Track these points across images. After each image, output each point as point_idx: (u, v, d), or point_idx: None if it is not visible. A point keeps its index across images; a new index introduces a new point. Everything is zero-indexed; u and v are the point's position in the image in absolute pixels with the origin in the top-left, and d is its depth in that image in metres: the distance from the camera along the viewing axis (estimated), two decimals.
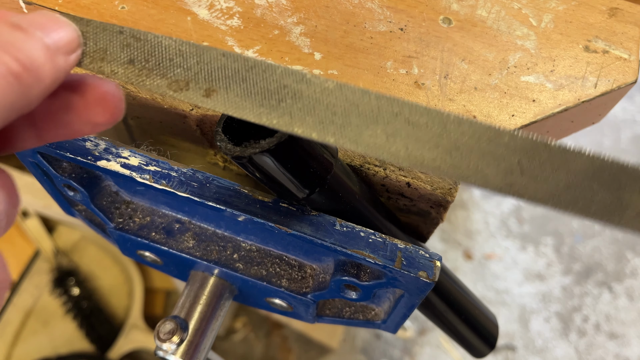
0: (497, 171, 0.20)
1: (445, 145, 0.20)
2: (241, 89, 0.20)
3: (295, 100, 0.20)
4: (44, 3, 0.32)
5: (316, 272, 0.31)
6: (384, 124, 0.20)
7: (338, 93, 0.20)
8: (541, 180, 0.20)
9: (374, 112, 0.20)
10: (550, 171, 0.20)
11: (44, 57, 0.18)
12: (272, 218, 0.27)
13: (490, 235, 1.28)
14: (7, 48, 0.17)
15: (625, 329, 1.17)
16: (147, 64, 0.21)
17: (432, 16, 0.34)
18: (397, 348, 1.12)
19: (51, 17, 0.19)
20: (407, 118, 0.20)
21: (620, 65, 0.33)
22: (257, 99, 0.20)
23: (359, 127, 0.20)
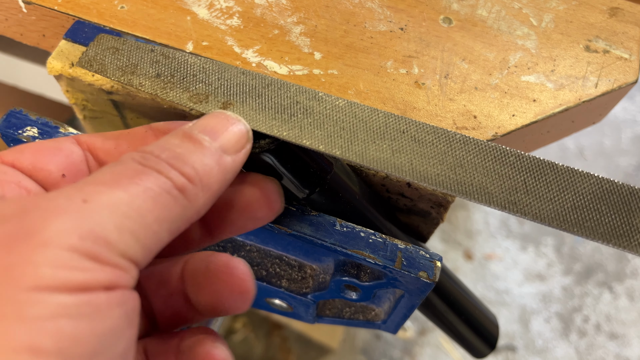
0: (501, 189, 0.20)
1: (450, 163, 0.21)
2: (256, 103, 0.22)
3: (306, 115, 0.22)
4: (43, 3, 0.32)
5: (316, 272, 0.31)
6: (390, 140, 0.21)
7: (348, 110, 0.22)
8: (546, 199, 0.20)
9: (381, 129, 0.21)
10: (556, 191, 0.20)
11: (212, 163, 0.18)
12: None
13: (491, 235, 1.28)
14: (174, 162, 0.17)
15: (626, 329, 1.17)
16: (172, 78, 0.22)
17: (432, 16, 0.34)
18: (397, 348, 1.12)
19: (221, 117, 0.20)
20: (414, 135, 0.21)
21: (621, 65, 0.33)
22: (270, 112, 0.22)
23: (365, 142, 0.21)
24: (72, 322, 0.14)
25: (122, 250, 0.15)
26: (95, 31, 0.31)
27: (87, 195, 0.16)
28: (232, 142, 0.20)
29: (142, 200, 0.16)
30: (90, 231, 0.15)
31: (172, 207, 0.17)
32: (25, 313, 0.13)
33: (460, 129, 0.30)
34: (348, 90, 0.31)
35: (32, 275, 0.14)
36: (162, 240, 0.17)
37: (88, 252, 0.15)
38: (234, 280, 0.20)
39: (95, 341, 0.14)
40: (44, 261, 0.14)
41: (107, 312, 0.15)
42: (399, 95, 0.31)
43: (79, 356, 0.14)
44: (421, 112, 0.30)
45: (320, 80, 0.31)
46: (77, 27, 0.31)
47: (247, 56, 0.31)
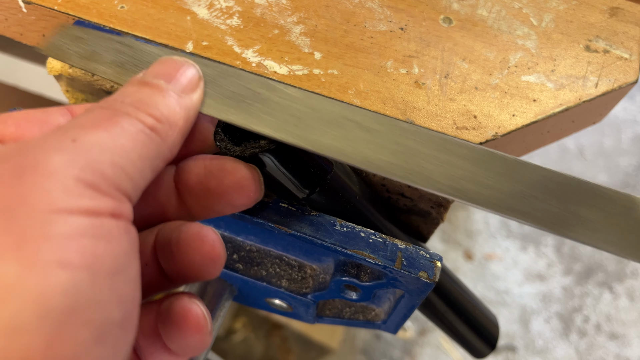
0: (444, 176, 0.21)
1: (396, 150, 0.22)
2: (211, 90, 0.23)
3: (259, 102, 0.23)
4: (43, 2, 0.32)
5: (316, 272, 0.31)
6: (338, 128, 0.22)
7: (301, 97, 0.23)
8: (487, 187, 0.21)
9: (331, 117, 0.22)
10: (498, 180, 0.21)
11: (174, 104, 0.20)
12: (272, 218, 0.27)
13: (491, 235, 1.28)
14: (139, 106, 0.19)
15: (626, 330, 1.17)
16: (135, 68, 0.23)
17: (432, 16, 0.34)
18: (397, 348, 1.12)
19: (171, 63, 0.21)
20: (361, 124, 0.22)
21: (621, 65, 0.33)
22: (221, 99, 0.23)
23: (315, 130, 0.22)
24: (93, 241, 0.15)
25: (116, 184, 0.17)
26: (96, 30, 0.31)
27: (75, 136, 0.17)
28: (186, 82, 0.21)
29: (124, 139, 0.17)
30: (87, 165, 0.16)
31: (149, 145, 0.18)
32: (51, 231, 0.14)
33: (460, 128, 0.30)
34: (348, 90, 0.31)
35: (47, 200, 0.15)
36: (146, 178, 0.18)
37: (90, 182, 0.16)
38: (205, 247, 0.21)
39: (114, 261, 0.15)
40: (55, 188, 0.15)
41: (119, 237, 0.16)
42: (399, 95, 0.31)
43: (103, 273, 0.15)
44: (421, 112, 0.30)
45: (320, 80, 0.31)
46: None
47: (247, 56, 0.31)
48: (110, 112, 0.18)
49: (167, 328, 0.21)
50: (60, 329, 0.14)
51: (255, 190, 0.22)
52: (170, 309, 0.21)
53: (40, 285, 0.14)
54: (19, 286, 0.13)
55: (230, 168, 0.22)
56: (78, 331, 0.14)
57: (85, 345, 0.14)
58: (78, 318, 0.14)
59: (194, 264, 0.21)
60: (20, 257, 0.14)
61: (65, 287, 0.14)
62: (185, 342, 0.21)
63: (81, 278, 0.14)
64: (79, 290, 0.14)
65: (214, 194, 0.22)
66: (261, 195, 0.23)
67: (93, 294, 0.15)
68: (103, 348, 0.15)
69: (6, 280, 0.13)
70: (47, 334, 0.13)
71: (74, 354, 0.14)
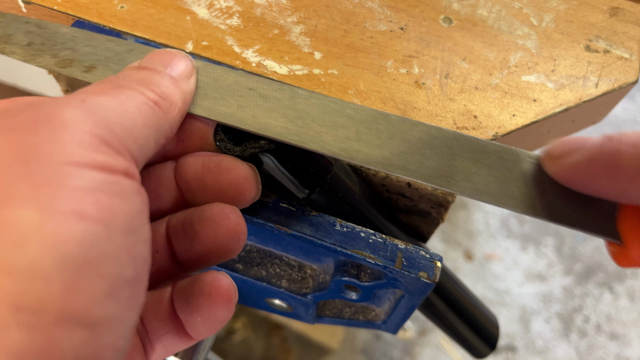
0: (334, 138, 0.22)
1: (291, 115, 0.23)
2: (119, 67, 0.24)
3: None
4: (43, 2, 0.32)
5: (316, 272, 0.31)
6: (238, 96, 0.23)
7: (202, 70, 0.23)
8: (375, 146, 0.22)
9: (231, 87, 0.23)
10: (385, 139, 0.22)
11: (172, 85, 0.21)
12: (272, 218, 0.27)
13: (491, 235, 1.28)
14: (141, 83, 0.19)
15: (626, 330, 1.17)
16: (42, 46, 0.24)
17: (432, 15, 0.34)
18: (397, 349, 1.12)
19: (166, 53, 0.22)
20: (260, 92, 0.23)
21: (622, 64, 0.33)
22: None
23: (215, 99, 0.23)
24: (108, 197, 0.15)
25: (126, 144, 0.17)
26: (95, 31, 0.31)
27: (83, 98, 0.17)
28: (182, 69, 0.22)
29: (129, 106, 0.18)
30: (99, 121, 0.16)
31: (152, 116, 0.19)
32: (67, 183, 0.14)
33: (460, 128, 0.30)
34: (348, 90, 0.31)
35: (63, 153, 0.15)
36: (150, 147, 0.19)
37: (103, 138, 0.16)
38: (230, 223, 0.21)
39: (128, 219, 0.16)
40: (70, 141, 0.15)
41: (132, 196, 0.16)
42: (399, 95, 0.31)
43: (118, 229, 0.15)
44: (421, 111, 0.30)
45: (320, 80, 0.31)
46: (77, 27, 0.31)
47: (247, 56, 0.31)
48: (114, 84, 0.19)
49: (194, 301, 0.21)
50: (77, 278, 0.14)
51: (251, 189, 0.22)
52: (197, 282, 0.21)
53: (58, 233, 0.14)
54: (38, 232, 0.13)
55: (227, 165, 0.22)
56: (93, 283, 0.14)
57: (99, 297, 0.14)
58: (93, 270, 0.14)
59: (219, 240, 0.21)
60: (39, 205, 0.14)
61: (82, 237, 0.14)
62: (214, 313, 0.21)
63: (97, 231, 0.14)
64: (95, 242, 0.14)
65: (211, 191, 0.22)
66: (258, 194, 0.23)
67: (108, 248, 0.15)
68: (116, 303, 0.15)
69: (25, 225, 0.13)
70: (65, 281, 0.14)
71: (88, 305, 0.14)
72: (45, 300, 0.13)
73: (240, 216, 0.22)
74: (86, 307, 0.14)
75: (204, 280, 0.21)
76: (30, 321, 0.13)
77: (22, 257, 0.13)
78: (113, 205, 0.15)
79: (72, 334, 0.14)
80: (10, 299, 0.13)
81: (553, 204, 0.21)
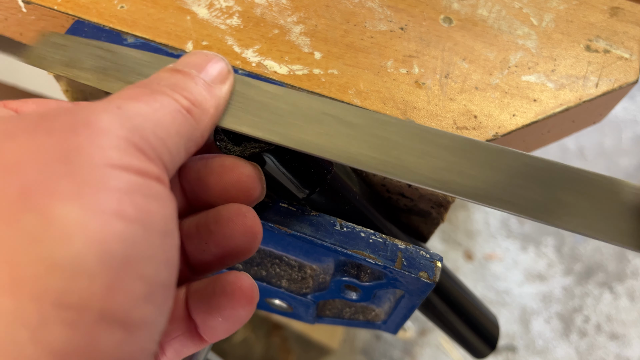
0: (426, 169, 0.21)
1: (376, 143, 0.22)
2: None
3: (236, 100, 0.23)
4: (43, 2, 0.32)
5: (316, 272, 0.31)
6: (319, 124, 0.22)
7: (281, 94, 0.23)
8: (470, 177, 0.21)
9: (312, 113, 0.22)
10: (480, 169, 0.21)
11: (205, 91, 0.20)
12: (272, 218, 0.27)
13: (491, 235, 1.27)
14: (175, 88, 0.19)
15: (626, 330, 1.17)
16: (111, 71, 0.23)
17: (432, 15, 0.34)
18: (397, 349, 1.12)
19: (201, 55, 0.22)
20: (341, 119, 0.22)
21: (622, 64, 0.33)
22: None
23: (296, 126, 0.22)
24: (145, 199, 0.15)
25: (158, 153, 0.17)
26: (95, 31, 0.31)
27: (119, 104, 0.17)
28: (216, 73, 0.21)
29: (163, 114, 0.18)
30: (134, 128, 0.16)
31: (185, 124, 0.19)
32: (108, 183, 0.14)
33: (460, 128, 0.30)
34: (348, 90, 0.31)
35: (102, 155, 0.15)
36: (180, 156, 0.19)
37: (137, 145, 0.16)
38: (247, 221, 0.21)
39: (164, 222, 0.16)
40: (108, 145, 0.15)
41: (167, 200, 0.16)
42: (399, 95, 0.31)
43: (155, 232, 0.15)
44: (421, 112, 0.30)
45: (320, 80, 0.31)
46: (77, 27, 0.31)
47: (247, 56, 0.31)
48: (148, 90, 0.19)
49: (215, 301, 0.21)
50: (118, 277, 0.14)
51: (256, 187, 0.22)
52: (218, 282, 0.21)
53: (101, 230, 0.14)
54: (82, 229, 0.13)
55: (229, 165, 0.22)
56: (133, 283, 0.14)
57: (137, 299, 0.14)
58: (133, 270, 0.14)
59: (235, 239, 0.21)
60: (81, 202, 0.14)
61: (123, 236, 0.14)
62: (235, 313, 0.21)
63: (136, 231, 0.14)
64: (135, 243, 0.14)
65: (215, 191, 0.22)
66: (263, 193, 0.23)
67: (146, 250, 0.15)
68: (152, 306, 0.15)
69: (69, 221, 0.13)
70: (107, 280, 0.13)
71: (128, 306, 0.14)
72: (88, 298, 0.13)
73: (256, 215, 0.22)
74: (126, 307, 0.14)
75: (226, 280, 0.21)
76: (73, 319, 0.13)
77: (66, 252, 0.13)
78: (150, 207, 0.15)
79: (112, 335, 0.14)
80: (54, 295, 0.13)
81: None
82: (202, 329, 0.21)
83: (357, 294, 0.31)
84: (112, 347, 0.14)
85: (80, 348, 0.13)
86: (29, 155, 0.14)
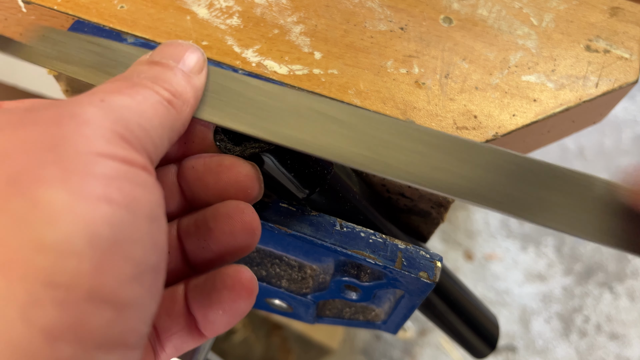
0: (415, 167, 0.21)
1: (369, 142, 0.21)
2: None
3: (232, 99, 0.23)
4: (42, 2, 0.32)
5: (316, 272, 0.31)
6: (314, 122, 0.22)
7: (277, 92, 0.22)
8: (458, 175, 0.21)
9: (306, 112, 0.22)
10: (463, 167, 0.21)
11: (184, 82, 0.21)
12: (272, 218, 0.27)
13: (491, 235, 1.27)
14: (155, 81, 0.20)
15: (627, 330, 1.17)
16: (103, 66, 0.23)
17: (432, 15, 0.34)
18: (397, 349, 1.12)
19: (177, 45, 0.22)
20: (335, 117, 0.22)
21: (622, 64, 0.33)
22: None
23: (290, 124, 0.22)
24: (131, 185, 0.16)
25: (143, 143, 0.17)
26: (95, 31, 0.31)
27: (102, 97, 0.17)
28: (193, 63, 0.22)
29: (146, 106, 0.18)
30: (118, 120, 0.17)
31: (167, 115, 0.19)
32: (94, 170, 0.15)
33: (460, 128, 0.30)
34: (348, 90, 0.31)
35: (88, 144, 0.15)
36: (164, 147, 0.19)
37: (122, 135, 0.16)
38: (245, 217, 0.21)
39: (150, 208, 0.16)
40: (93, 134, 0.16)
41: (152, 188, 0.17)
42: (399, 95, 0.31)
43: (142, 216, 0.16)
44: (421, 112, 0.30)
45: (320, 80, 0.31)
46: (77, 27, 0.31)
47: (247, 56, 0.31)
48: (129, 82, 0.19)
49: (216, 294, 0.21)
50: (106, 258, 0.14)
51: (254, 186, 0.22)
52: (218, 276, 0.21)
53: (88, 213, 0.14)
54: (69, 212, 0.14)
55: (228, 164, 0.22)
56: (120, 264, 0.15)
57: (125, 279, 0.15)
58: (121, 251, 0.15)
59: (235, 236, 0.21)
60: (68, 187, 0.14)
61: (110, 219, 0.14)
62: (236, 305, 0.21)
63: (123, 215, 0.15)
64: (122, 226, 0.15)
65: (214, 190, 0.22)
66: (261, 193, 0.23)
67: (133, 233, 0.15)
68: (141, 288, 0.15)
69: (56, 205, 0.14)
70: (95, 260, 0.14)
71: (116, 286, 0.14)
72: (77, 278, 0.14)
73: (254, 212, 0.22)
74: (114, 287, 0.14)
75: (226, 274, 0.21)
76: (62, 297, 0.13)
77: (54, 234, 0.13)
78: (135, 193, 0.16)
79: (101, 313, 0.14)
80: (44, 275, 0.13)
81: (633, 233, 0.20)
82: (202, 323, 0.21)
83: (357, 294, 0.31)
84: (102, 326, 0.14)
85: (70, 326, 0.13)
86: (16, 145, 0.15)
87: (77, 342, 0.13)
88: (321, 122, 0.22)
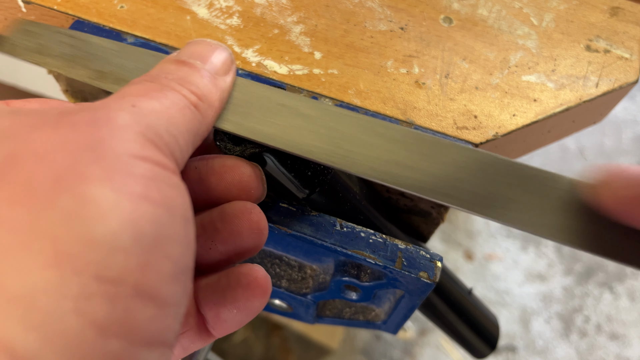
0: (374, 161, 0.21)
1: (327, 135, 0.22)
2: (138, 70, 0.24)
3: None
4: (42, 2, 0.32)
5: (316, 272, 0.31)
6: (274, 114, 0.22)
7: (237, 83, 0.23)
8: (415, 170, 0.21)
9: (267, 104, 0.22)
10: (425, 162, 0.21)
11: (210, 84, 0.21)
12: (272, 218, 0.27)
13: (491, 235, 1.27)
14: (183, 83, 0.20)
15: (627, 330, 1.17)
16: (75, 57, 0.24)
17: (432, 15, 0.34)
18: (397, 349, 1.12)
19: (205, 44, 0.22)
20: (296, 110, 0.22)
21: (622, 64, 0.33)
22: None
23: (252, 116, 0.22)
24: (167, 187, 0.16)
25: (171, 149, 0.17)
26: (94, 31, 0.31)
27: (133, 102, 0.18)
28: (220, 64, 0.21)
29: (174, 111, 0.18)
30: (148, 126, 0.17)
31: (193, 120, 0.19)
32: (133, 170, 0.15)
33: (460, 128, 0.30)
34: (348, 90, 0.31)
35: (124, 147, 0.16)
36: (189, 152, 0.19)
37: (152, 141, 0.17)
38: (253, 217, 0.21)
39: (184, 209, 0.17)
40: (128, 138, 0.16)
41: (183, 190, 0.17)
42: (399, 94, 0.31)
43: (178, 215, 0.16)
44: (421, 111, 0.30)
45: (320, 80, 0.31)
46: (77, 27, 0.31)
47: (247, 56, 0.31)
48: (158, 85, 0.19)
49: (230, 293, 0.21)
50: (150, 255, 0.15)
51: (257, 187, 0.22)
52: (232, 275, 0.21)
53: (133, 211, 0.14)
54: (116, 209, 0.14)
55: (230, 164, 0.22)
56: (162, 262, 0.15)
57: (166, 277, 0.15)
58: (162, 250, 0.15)
59: (242, 236, 0.21)
60: (113, 186, 0.14)
61: (152, 218, 0.15)
62: (251, 304, 0.21)
63: (162, 214, 0.15)
64: (162, 225, 0.15)
65: (216, 191, 0.22)
66: (264, 193, 0.23)
67: (172, 232, 0.16)
68: (178, 287, 0.16)
69: (103, 202, 0.14)
70: (140, 257, 0.14)
71: (158, 284, 0.15)
72: (124, 273, 0.14)
73: (261, 212, 0.22)
74: (156, 284, 0.15)
75: (240, 272, 0.21)
76: (112, 292, 0.14)
77: (103, 230, 0.14)
78: (172, 193, 0.16)
79: (146, 309, 0.14)
80: (94, 269, 0.13)
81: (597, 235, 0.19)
82: (212, 323, 0.22)
83: (357, 294, 0.31)
84: (146, 321, 0.14)
85: (118, 321, 0.14)
86: (57, 144, 0.15)
87: (124, 337, 0.14)
88: (286, 115, 0.22)
